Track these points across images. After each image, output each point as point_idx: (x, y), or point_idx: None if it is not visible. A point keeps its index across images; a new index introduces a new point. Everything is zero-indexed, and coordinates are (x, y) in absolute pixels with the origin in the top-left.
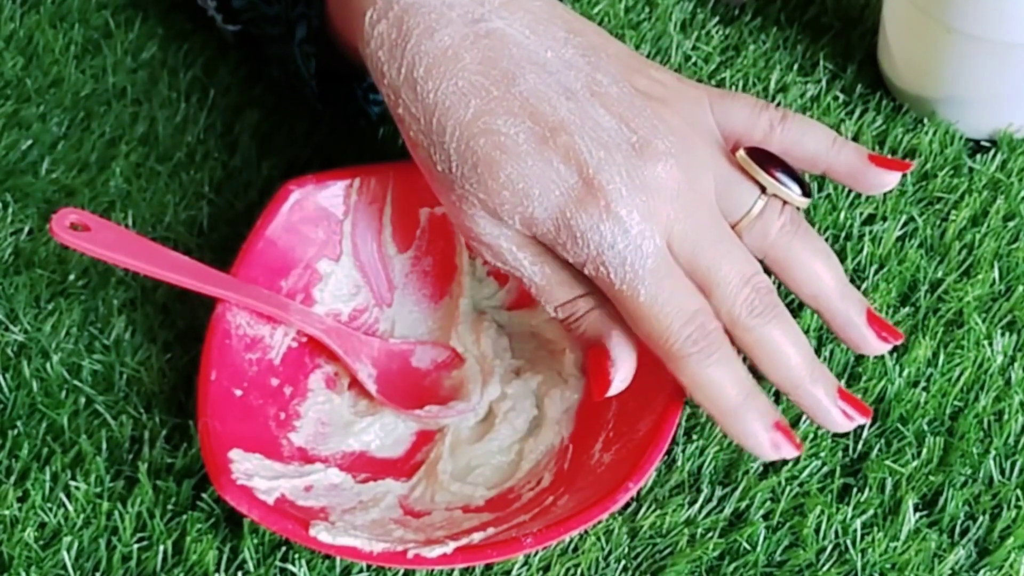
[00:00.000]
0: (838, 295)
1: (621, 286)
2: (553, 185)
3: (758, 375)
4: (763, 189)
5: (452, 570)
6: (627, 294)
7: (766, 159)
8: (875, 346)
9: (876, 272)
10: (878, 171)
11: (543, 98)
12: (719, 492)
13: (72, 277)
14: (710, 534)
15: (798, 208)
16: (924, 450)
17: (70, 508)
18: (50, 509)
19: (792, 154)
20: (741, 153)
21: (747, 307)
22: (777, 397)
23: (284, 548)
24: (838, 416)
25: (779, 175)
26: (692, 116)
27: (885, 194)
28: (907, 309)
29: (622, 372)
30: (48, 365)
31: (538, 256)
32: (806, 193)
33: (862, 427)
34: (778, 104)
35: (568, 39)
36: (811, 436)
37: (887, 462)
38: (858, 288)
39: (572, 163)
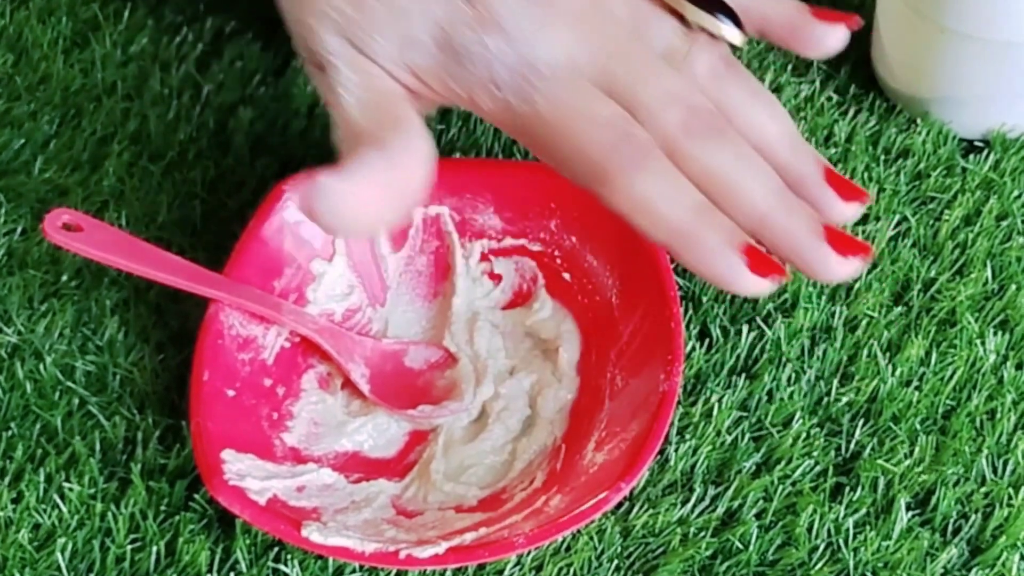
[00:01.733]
0: (788, 147)
1: (519, 105)
2: (433, 2)
3: None
4: (686, 23)
5: (444, 570)
6: (526, 112)
7: None
8: (839, 208)
9: (869, 272)
10: (819, 24)
11: None
12: (712, 491)
13: (65, 278)
14: (703, 533)
15: (733, 47)
16: (916, 449)
17: (64, 509)
18: (44, 510)
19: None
20: None
21: (682, 127)
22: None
23: (277, 549)
24: (828, 253)
25: (703, 3)
26: None
27: (878, 194)
28: (900, 308)
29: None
30: (41, 366)
31: (365, 78)
32: (739, 27)
33: (854, 428)
34: None
35: None
36: (803, 436)
37: (879, 461)
38: (850, 289)
39: None
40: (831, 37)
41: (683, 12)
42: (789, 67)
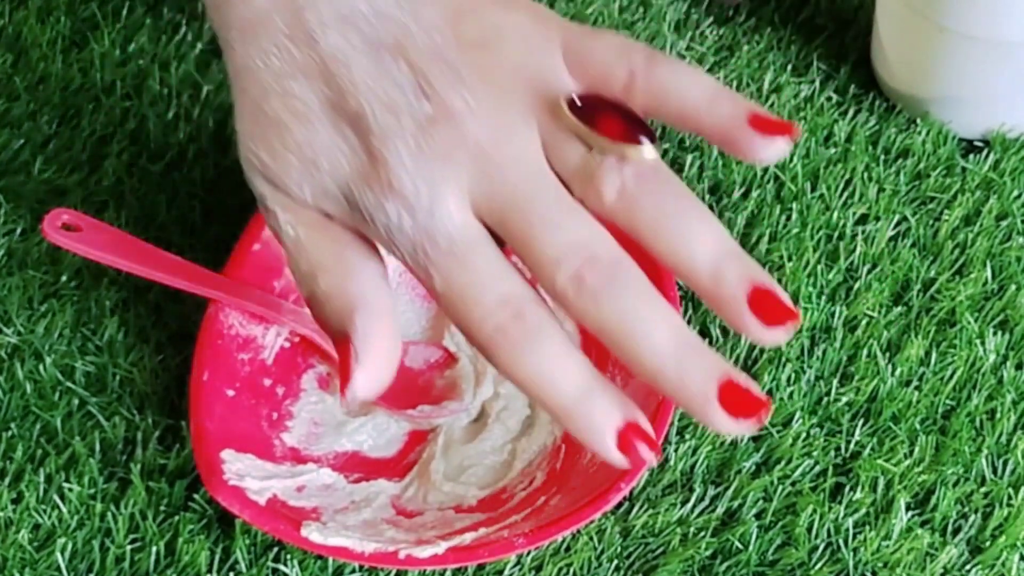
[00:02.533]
0: (708, 275)
1: (416, 270)
2: (342, 156)
3: None
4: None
5: (444, 570)
6: (423, 280)
7: (596, 105)
8: (756, 330)
9: (869, 272)
10: (756, 137)
11: (342, 58)
12: (711, 491)
13: (65, 278)
14: (702, 533)
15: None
16: (916, 449)
17: (64, 509)
18: (44, 511)
19: (660, 111)
20: (561, 106)
21: (573, 284)
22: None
23: (276, 548)
24: (716, 414)
25: (611, 128)
26: (524, 62)
27: (878, 194)
28: (900, 308)
29: (367, 367)
30: (41, 367)
31: (300, 219)
32: (654, 139)
33: (854, 427)
34: (771, 106)
35: None
36: (803, 436)
37: (879, 461)
38: (849, 289)
39: (359, 132)
40: (769, 150)
41: (580, 135)
42: (789, 67)
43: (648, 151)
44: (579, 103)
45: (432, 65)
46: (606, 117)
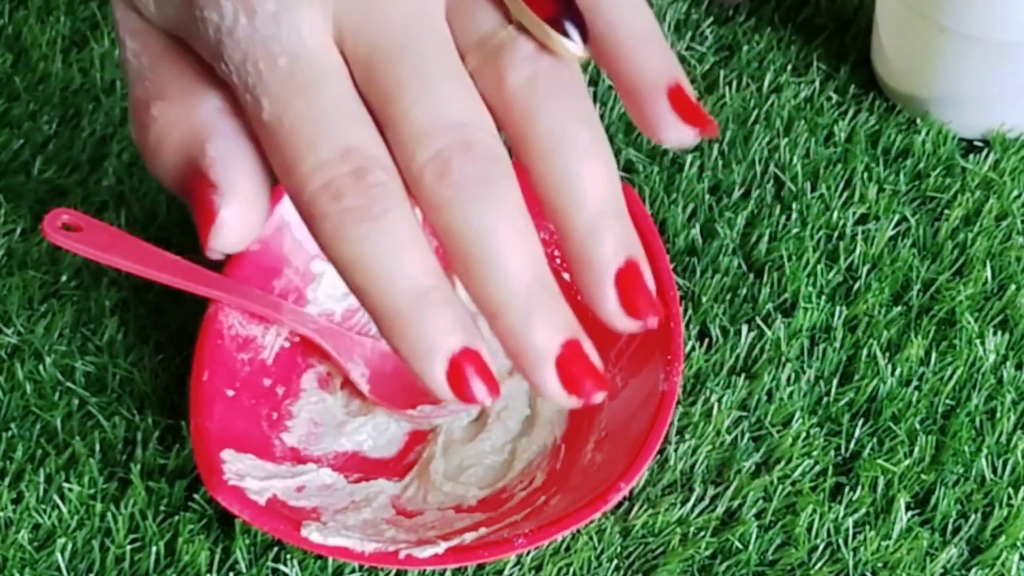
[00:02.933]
0: (584, 229)
1: (244, 94)
2: None
3: None
4: (509, 14)
5: (444, 570)
6: (249, 107)
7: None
8: (612, 311)
9: (869, 272)
10: (666, 113)
11: None
12: (711, 491)
13: (65, 278)
14: (702, 533)
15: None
16: (916, 449)
17: (64, 509)
18: (44, 511)
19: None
20: None
21: (433, 167)
22: None
23: (276, 549)
24: (549, 379)
25: (545, 8)
26: None
27: (878, 194)
28: (900, 308)
29: (233, 202)
30: (41, 367)
31: (145, 46)
32: (584, 38)
33: (854, 427)
34: (771, 106)
35: None
36: (803, 436)
37: (879, 461)
38: (850, 288)
39: None
40: (671, 132)
41: (512, 12)
42: (789, 67)
43: (576, 47)
44: None
45: None
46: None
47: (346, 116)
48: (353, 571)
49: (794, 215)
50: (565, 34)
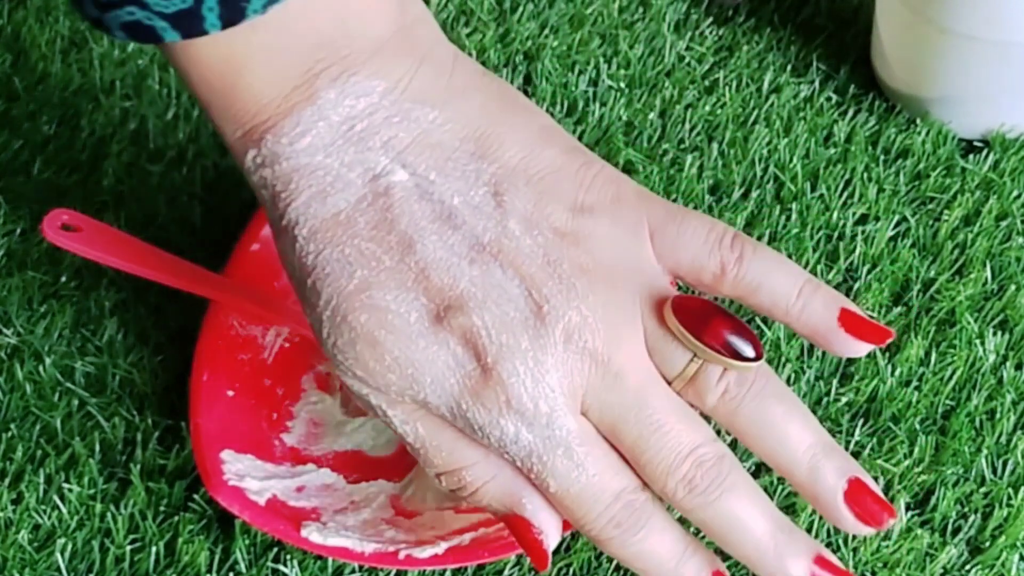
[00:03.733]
0: (805, 473)
1: (530, 476)
2: (448, 372)
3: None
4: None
5: (444, 570)
6: (536, 483)
7: (703, 316)
8: (852, 525)
9: (868, 272)
10: (847, 339)
11: (442, 267)
12: None
13: (64, 279)
14: (702, 534)
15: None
16: (916, 449)
17: (64, 510)
18: (44, 511)
19: (748, 301)
20: (668, 313)
21: (684, 486)
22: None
23: (276, 549)
24: None
25: (716, 341)
26: (622, 254)
27: (878, 194)
28: (899, 308)
29: (554, 535)
30: (41, 368)
31: (412, 415)
32: (758, 354)
33: (854, 428)
34: (771, 106)
35: (480, 171)
36: None
37: (879, 461)
38: (849, 289)
39: (470, 347)
40: (858, 349)
41: (693, 351)
42: (788, 67)
43: (753, 364)
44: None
45: (539, 270)
46: (713, 328)
47: (610, 471)
48: (353, 571)
49: (794, 215)
50: (740, 355)
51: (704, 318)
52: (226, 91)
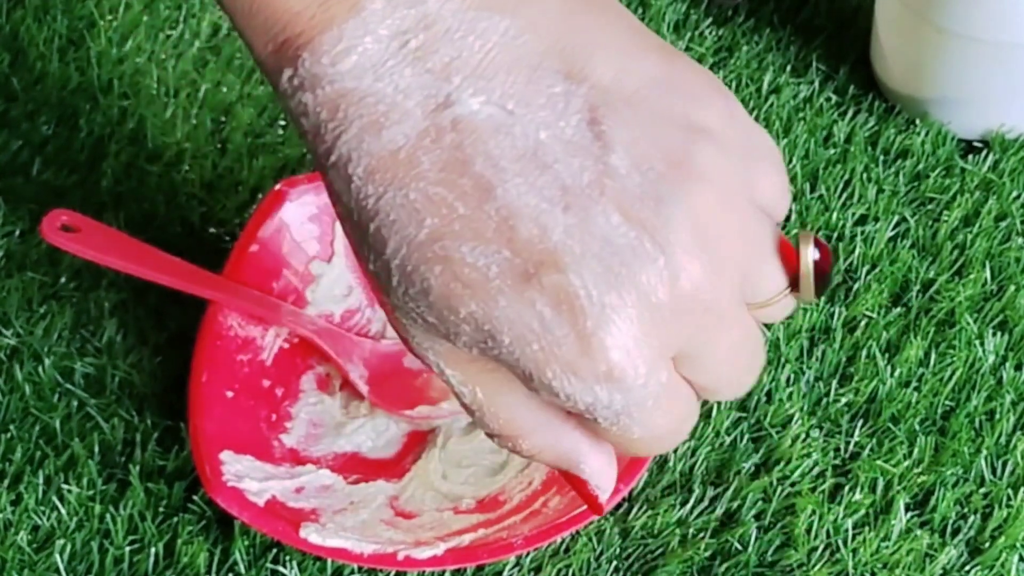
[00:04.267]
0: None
1: (612, 429)
2: (533, 336)
3: None
4: (792, 287)
5: (443, 572)
6: (619, 434)
7: (823, 266)
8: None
9: (868, 272)
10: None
11: (530, 215)
12: (711, 492)
13: (64, 279)
14: (702, 534)
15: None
16: (915, 450)
17: (63, 511)
18: (43, 512)
19: None
20: (808, 259)
21: (726, 392)
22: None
23: (275, 550)
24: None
25: (826, 286)
26: (740, 188)
27: (877, 194)
28: (899, 309)
29: (608, 489)
30: (40, 369)
31: (472, 377)
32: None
33: (853, 428)
34: (771, 106)
35: (569, 95)
36: (802, 436)
37: (878, 462)
38: (849, 289)
39: (564, 310)
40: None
41: (802, 287)
42: (788, 68)
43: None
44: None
45: (655, 219)
46: (824, 276)
47: (689, 405)
48: (352, 572)
49: (793, 216)
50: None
51: (825, 261)
52: None
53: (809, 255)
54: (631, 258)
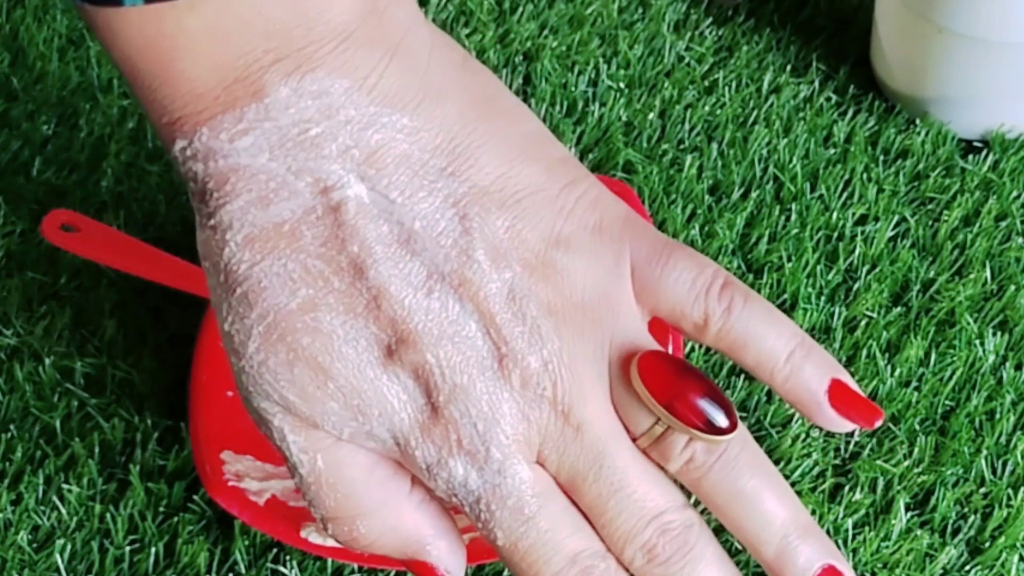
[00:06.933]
0: (773, 550)
1: (477, 524)
2: (400, 406)
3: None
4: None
5: None
6: (484, 534)
7: (673, 380)
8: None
9: (868, 272)
10: (832, 416)
11: (397, 296)
12: None
13: (64, 279)
14: None
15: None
16: (916, 449)
17: (63, 511)
18: (43, 512)
19: (731, 356)
20: (634, 374)
21: (644, 555)
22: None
23: (275, 550)
24: None
25: (686, 408)
26: (595, 294)
27: (877, 194)
28: (899, 309)
29: (459, 572)
30: (40, 368)
31: (315, 443)
32: (731, 425)
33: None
34: (771, 106)
35: (449, 191)
36: (803, 436)
37: (878, 462)
38: (849, 289)
39: (422, 383)
40: (838, 426)
41: (654, 412)
42: (788, 68)
43: (724, 437)
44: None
45: (504, 313)
46: (682, 395)
47: (566, 530)
48: (352, 572)
49: (793, 216)
50: (712, 425)
51: (674, 382)
52: (155, 74)
53: (635, 379)
54: (480, 346)
